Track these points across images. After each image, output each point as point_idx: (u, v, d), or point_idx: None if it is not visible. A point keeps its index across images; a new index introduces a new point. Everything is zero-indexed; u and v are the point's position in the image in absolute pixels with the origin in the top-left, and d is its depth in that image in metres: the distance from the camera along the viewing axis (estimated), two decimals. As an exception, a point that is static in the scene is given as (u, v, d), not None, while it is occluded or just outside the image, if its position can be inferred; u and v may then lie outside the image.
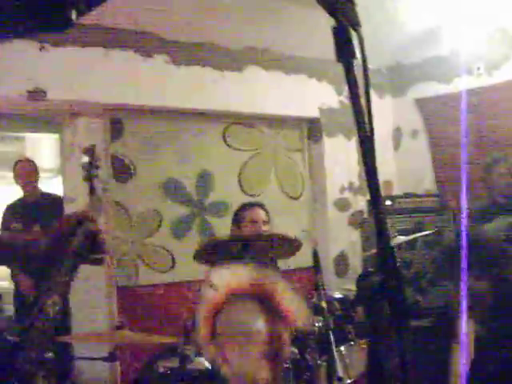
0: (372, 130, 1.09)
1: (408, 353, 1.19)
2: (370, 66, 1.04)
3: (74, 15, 0.89)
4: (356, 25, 1.07)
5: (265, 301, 2.12)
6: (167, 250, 5.26)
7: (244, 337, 2.10)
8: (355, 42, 1.09)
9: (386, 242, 1.09)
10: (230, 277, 2.56)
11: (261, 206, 4.34)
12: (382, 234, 1.08)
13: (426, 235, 4.66)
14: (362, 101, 1.10)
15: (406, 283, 5.06)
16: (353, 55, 1.07)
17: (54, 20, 0.85)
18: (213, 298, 2.43)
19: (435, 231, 4.78)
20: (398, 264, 1.10)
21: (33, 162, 5.61)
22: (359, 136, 1.08)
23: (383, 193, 5.97)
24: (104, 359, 3.79)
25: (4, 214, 5.50)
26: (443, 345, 5.05)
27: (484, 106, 5.22)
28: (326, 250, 5.97)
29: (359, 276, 1.29)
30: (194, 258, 3.58)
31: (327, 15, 1.09)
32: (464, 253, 3.73)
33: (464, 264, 3.68)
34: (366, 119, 1.08)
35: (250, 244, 3.56)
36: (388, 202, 5.68)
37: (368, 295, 0.99)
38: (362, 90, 1.10)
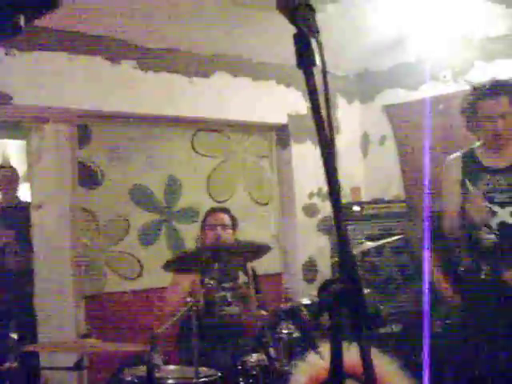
0: (332, 135, 1.09)
1: (370, 359, 1.19)
2: (338, 72, 1.05)
3: (22, 21, 0.88)
4: (315, 32, 1.07)
5: None
6: (135, 257, 5.23)
7: None
8: (316, 48, 1.09)
9: (346, 249, 1.09)
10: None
11: (224, 210, 4.35)
12: (343, 242, 1.09)
13: (394, 241, 4.68)
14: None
15: (374, 288, 5.09)
16: (313, 62, 1.07)
17: (2, 26, 0.84)
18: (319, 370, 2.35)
19: (402, 237, 4.81)
20: (358, 272, 1.10)
21: (15, 169, 5.62)
22: (319, 142, 1.08)
23: (352, 199, 6.04)
24: (71, 368, 3.76)
25: None
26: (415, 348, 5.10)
27: (450, 112, 5.27)
28: (294, 255, 5.98)
29: (321, 284, 1.28)
30: (164, 268, 3.58)
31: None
32: (426, 255, 3.77)
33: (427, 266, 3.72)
34: (326, 125, 1.08)
35: (218, 253, 3.57)
36: (356, 208, 5.71)
37: (329, 304, 0.99)
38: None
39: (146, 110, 5.11)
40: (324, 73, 1.08)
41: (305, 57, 1.06)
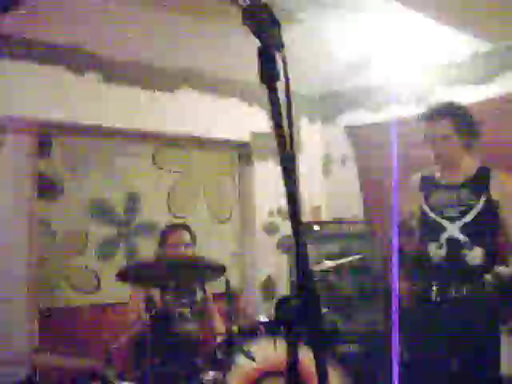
0: (293, 150, 1.09)
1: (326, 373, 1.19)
2: (301, 92, 1.05)
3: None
4: (280, 46, 1.07)
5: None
6: (92, 271, 5.17)
7: None
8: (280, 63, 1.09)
9: (305, 264, 1.08)
10: (270, 352, 2.46)
11: (185, 227, 4.32)
12: (301, 258, 1.08)
13: (353, 260, 4.70)
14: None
15: (332, 308, 5.10)
16: (276, 77, 1.07)
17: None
18: (249, 371, 2.32)
19: (361, 256, 4.84)
20: (316, 289, 1.10)
21: None
22: (280, 156, 1.08)
23: (312, 218, 6.06)
24: (21, 383, 3.69)
25: None
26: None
27: (411, 136, 5.32)
28: (253, 273, 5.97)
29: (278, 300, 1.28)
30: (117, 276, 3.53)
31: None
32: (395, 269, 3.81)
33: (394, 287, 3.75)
34: (288, 140, 1.08)
35: (174, 268, 3.55)
36: (316, 227, 5.73)
37: (287, 320, 0.98)
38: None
39: (109, 123, 5.07)
40: (287, 86, 1.09)
41: (268, 71, 1.06)
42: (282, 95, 1.12)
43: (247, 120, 5.91)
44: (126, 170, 5.40)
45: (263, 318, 3.87)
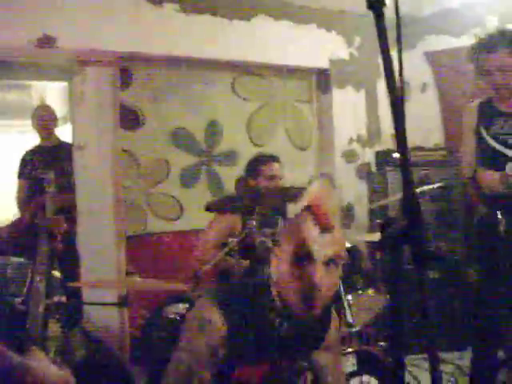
0: (402, 81, 1.11)
1: (428, 299, 1.23)
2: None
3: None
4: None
5: None
6: (175, 199, 5.30)
7: None
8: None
9: (410, 189, 1.11)
10: None
11: (277, 159, 4.31)
12: (407, 182, 1.11)
13: (433, 188, 4.67)
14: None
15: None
16: (383, 3, 1.08)
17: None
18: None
19: (443, 185, 4.79)
20: (421, 212, 1.12)
21: (52, 108, 5.65)
22: (387, 87, 1.09)
23: (392, 145, 5.99)
24: (115, 304, 3.87)
25: (21, 160, 5.55)
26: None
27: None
28: (332, 200, 5.99)
29: (383, 222, 1.30)
30: (207, 209, 3.62)
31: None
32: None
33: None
34: (397, 71, 1.09)
35: (263, 197, 3.59)
36: (396, 155, 5.68)
37: (392, 241, 1.01)
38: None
39: (187, 53, 5.10)
40: (397, 15, 1.09)
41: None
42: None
43: (326, 47, 5.84)
44: (206, 98, 5.44)
45: (346, 244, 3.91)
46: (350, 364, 3.35)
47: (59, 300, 3.75)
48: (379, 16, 1.06)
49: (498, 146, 3.55)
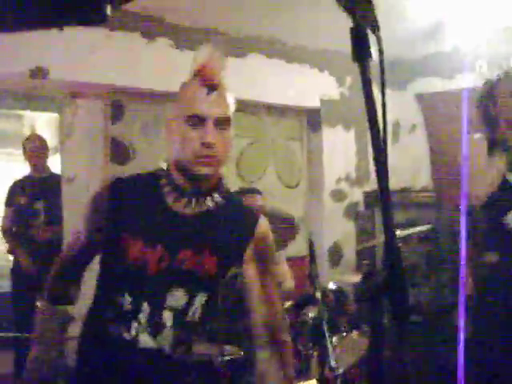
0: (385, 127, 1.11)
1: (407, 350, 1.22)
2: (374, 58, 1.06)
3: (109, 10, 0.90)
4: (375, 26, 1.08)
5: None
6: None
7: None
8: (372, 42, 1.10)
9: (391, 237, 1.10)
10: None
11: (258, 192, 4.33)
12: (388, 229, 1.10)
13: (421, 231, 4.68)
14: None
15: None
16: (369, 56, 1.08)
17: (89, 14, 0.86)
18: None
19: (430, 227, 4.79)
20: (402, 264, 1.11)
21: (43, 138, 5.66)
22: (371, 134, 1.09)
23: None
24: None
25: (10, 189, 5.54)
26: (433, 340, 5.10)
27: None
28: (320, 240, 5.99)
29: (365, 273, 1.30)
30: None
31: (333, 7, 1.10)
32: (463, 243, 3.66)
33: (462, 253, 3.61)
34: (381, 118, 1.09)
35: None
36: (384, 196, 5.70)
37: (372, 293, 0.99)
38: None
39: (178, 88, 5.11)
40: (382, 69, 1.10)
41: (362, 50, 1.07)
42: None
43: (317, 86, 5.89)
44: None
45: (331, 285, 3.91)
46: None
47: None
48: (365, 68, 1.07)
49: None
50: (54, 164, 5.67)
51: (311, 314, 3.56)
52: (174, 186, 2.05)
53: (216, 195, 2.10)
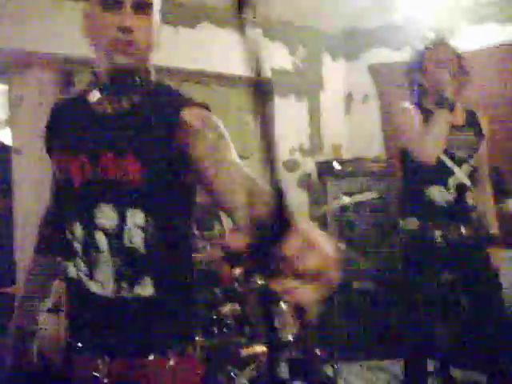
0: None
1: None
2: (325, 29, 1.04)
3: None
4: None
5: None
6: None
7: None
8: None
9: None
10: None
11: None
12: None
13: (372, 199, 4.72)
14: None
15: (349, 245, 5.17)
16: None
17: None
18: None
19: (378, 196, 4.83)
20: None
21: None
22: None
23: (333, 155, 6.06)
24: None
25: None
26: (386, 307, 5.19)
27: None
28: (273, 210, 6.02)
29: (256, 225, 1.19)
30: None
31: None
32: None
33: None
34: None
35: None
36: (336, 165, 5.74)
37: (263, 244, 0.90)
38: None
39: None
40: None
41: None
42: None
43: (269, 57, 5.87)
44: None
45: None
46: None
47: None
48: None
49: (444, 159, 3.44)
50: (4, 136, 5.59)
51: (260, 281, 3.59)
52: (97, 85, 1.87)
53: (141, 90, 1.87)
